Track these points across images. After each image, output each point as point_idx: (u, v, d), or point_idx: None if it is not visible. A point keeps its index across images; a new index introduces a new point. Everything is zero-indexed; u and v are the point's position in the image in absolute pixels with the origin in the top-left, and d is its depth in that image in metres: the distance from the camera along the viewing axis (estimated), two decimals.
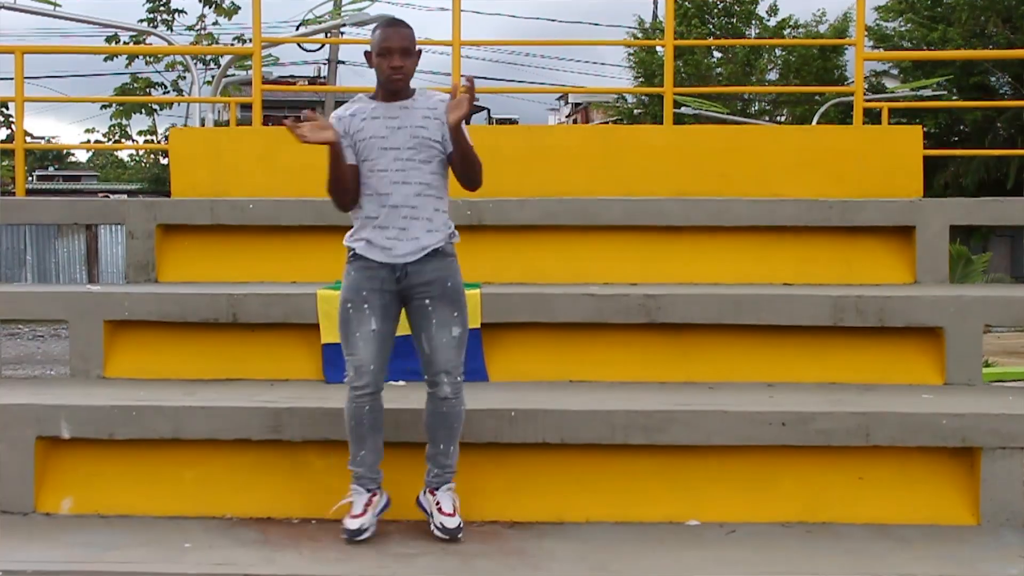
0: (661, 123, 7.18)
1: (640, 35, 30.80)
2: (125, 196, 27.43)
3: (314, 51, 28.43)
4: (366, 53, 3.78)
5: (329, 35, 19.91)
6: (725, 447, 4.11)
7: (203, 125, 17.77)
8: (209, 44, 24.91)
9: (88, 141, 34.96)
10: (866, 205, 5.41)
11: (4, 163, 28.57)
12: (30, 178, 37.13)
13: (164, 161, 32.04)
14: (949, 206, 5.51)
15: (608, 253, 5.48)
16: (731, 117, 23.23)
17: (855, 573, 3.55)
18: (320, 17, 20.56)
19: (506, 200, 5.49)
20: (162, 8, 26.53)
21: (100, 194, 30.89)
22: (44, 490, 4.21)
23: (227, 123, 18.48)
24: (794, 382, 4.74)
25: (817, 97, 26.56)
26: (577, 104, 45.96)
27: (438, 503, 3.80)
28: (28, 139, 30.57)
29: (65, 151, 44.59)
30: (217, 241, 5.59)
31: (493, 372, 4.80)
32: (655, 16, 31.40)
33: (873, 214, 5.39)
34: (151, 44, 22.36)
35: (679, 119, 18.86)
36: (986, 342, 5.79)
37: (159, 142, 29.61)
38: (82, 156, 50.74)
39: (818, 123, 22.12)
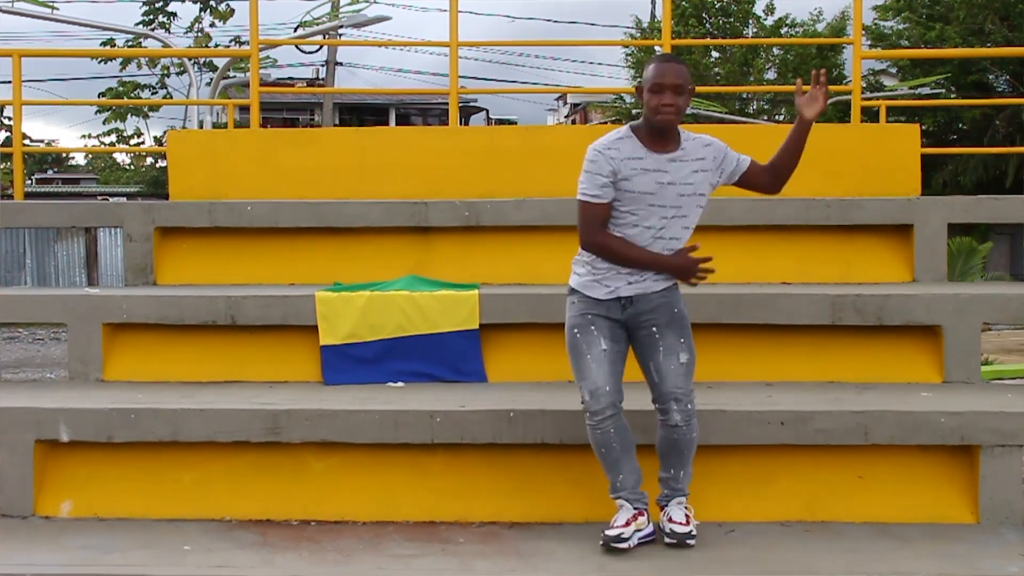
0: None
1: (637, 35, 30.80)
2: (124, 199, 27.46)
3: (312, 53, 28.44)
4: (637, 88, 3.72)
5: (327, 37, 19.93)
6: (724, 446, 4.11)
7: (201, 127, 17.79)
8: (206, 45, 24.93)
9: (86, 145, 34.94)
10: (864, 204, 5.41)
11: (2, 166, 28.57)
12: (29, 181, 37.12)
13: (162, 164, 32.06)
14: (947, 204, 5.50)
15: None
16: (729, 116, 23.23)
17: (855, 572, 3.55)
18: (318, 19, 20.58)
19: (504, 201, 5.49)
20: (158, 10, 26.55)
21: (99, 197, 30.93)
22: (43, 493, 4.21)
23: (225, 125, 18.48)
24: (793, 381, 4.74)
25: None
26: (576, 104, 45.95)
27: (669, 516, 3.76)
28: (27, 142, 30.60)
29: (64, 154, 44.59)
30: (215, 243, 5.59)
31: (492, 372, 4.80)
32: (653, 16, 31.39)
33: (871, 213, 5.39)
34: (147, 47, 22.39)
35: None
36: (985, 340, 5.79)
37: (160, 144, 29.59)
38: (81, 159, 50.79)
39: (816, 122, 22.06)
